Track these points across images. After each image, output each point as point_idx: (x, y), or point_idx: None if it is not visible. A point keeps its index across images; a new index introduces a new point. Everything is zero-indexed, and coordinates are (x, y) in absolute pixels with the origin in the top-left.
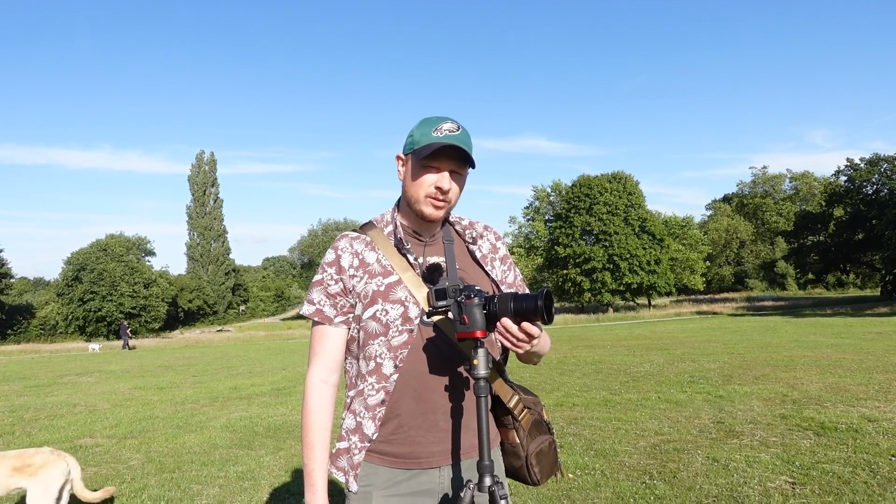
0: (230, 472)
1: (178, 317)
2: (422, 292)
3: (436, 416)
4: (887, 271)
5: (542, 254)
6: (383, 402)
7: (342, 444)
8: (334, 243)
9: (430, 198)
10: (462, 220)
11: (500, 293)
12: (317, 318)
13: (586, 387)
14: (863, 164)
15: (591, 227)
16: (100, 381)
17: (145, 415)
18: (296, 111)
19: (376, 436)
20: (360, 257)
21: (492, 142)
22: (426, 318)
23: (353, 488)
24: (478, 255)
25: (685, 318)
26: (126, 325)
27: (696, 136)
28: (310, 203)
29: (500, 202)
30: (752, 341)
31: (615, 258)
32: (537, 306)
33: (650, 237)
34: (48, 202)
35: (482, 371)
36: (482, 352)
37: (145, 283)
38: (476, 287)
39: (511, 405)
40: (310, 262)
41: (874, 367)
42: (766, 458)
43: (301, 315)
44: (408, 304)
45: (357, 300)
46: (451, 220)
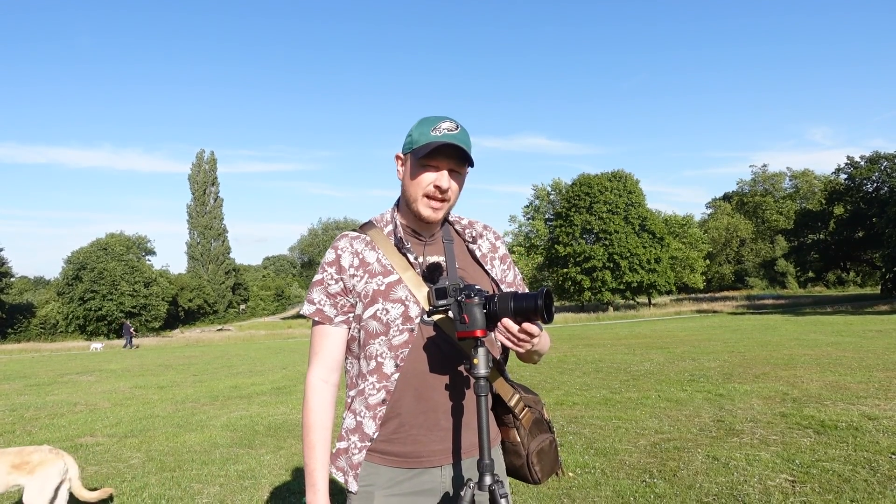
0: (231, 470)
1: (178, 316)
2: (422, 291)
3: (437, 415)
4: (887, 269)
5: (542, 253)
6: (384, 402)
7: (341, 444)
8: (334, 243)
9: (428, 197)
10: (461, 219)
11: (500, 292)
12: (317, 318)
13: (586, 385)
14: (863, 162)
15: (591, 226)
16: (100, 380)
17: (146, 414)
18: (296, 110)
19: (377, 435)
20: (361, 257)
21: (492, 140)
22: (426, 318)
23: (352, 488)
24: (478, 254)
25: (685, 317)
26: (129, 325)
27: (697, 134)
28: (310, 202)
29: (500, 201)
30: (753, 340)
31: (615, 257)
32: (537, 305)
33: (650, 236)
34: (48, 201)
35: (482, 370)
36: (482, 351)
37: (145, 283)
38: (476, 286)
39: (512, 404)
40: (310, 261)
41: (874, 366)
42: (767, 457)
43: (301, 314)
44: (408, 303)
45: (357, 300)
46: (450, 219)
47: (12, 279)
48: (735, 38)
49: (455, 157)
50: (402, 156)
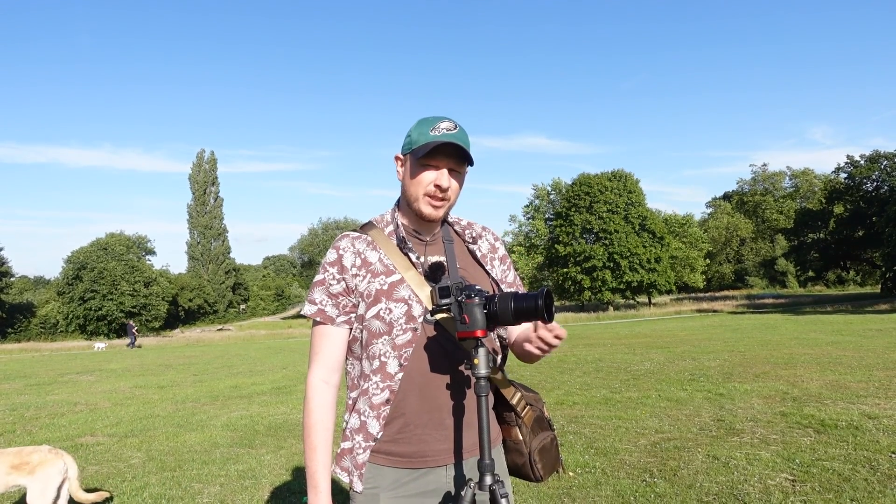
0: (231, 470)
1: (178, 316)
2: (424, 291)
3: (441, 414)
4: (887, 268)
5: (542, 252)
6: (388, 401)
7: (346, 445)
8: (335, 243)
9: (429, 196)
10: (461, 220)
11: (500, 292)
12: (318, 318)
13: (587, 385)
14: (863, 161)
15: (591, 226)
16: (100, 380)
17: (146, 413)
18: (296, 110)
19: (381, 435)
20: (363, 256)
21: (492, 140)
22: (429, 316)
23: (357, 488)
24: (478, 254)
25: (685, 316)
26: (132, 325)
27: (696, 133)
28: (310, 202)
29: (501, 201)
30: (753, 339)
31: (615, 256)
32: (538, 306)
33: (650, 235)
34: (48, 201)
35: (483, 370)
36: (483, 351)
37: (146, 282)
38: (476, 286)
39: (514, 402)
40: (310, 260)
41: (874, 365)
42: (767, 456)
43: (302, 315)
44: (411, 302)
45: (360, 299)
46: (449, 220)
47: (12, 279)
48: (735, 38)
49: (454, 156)
50: (401, 156)
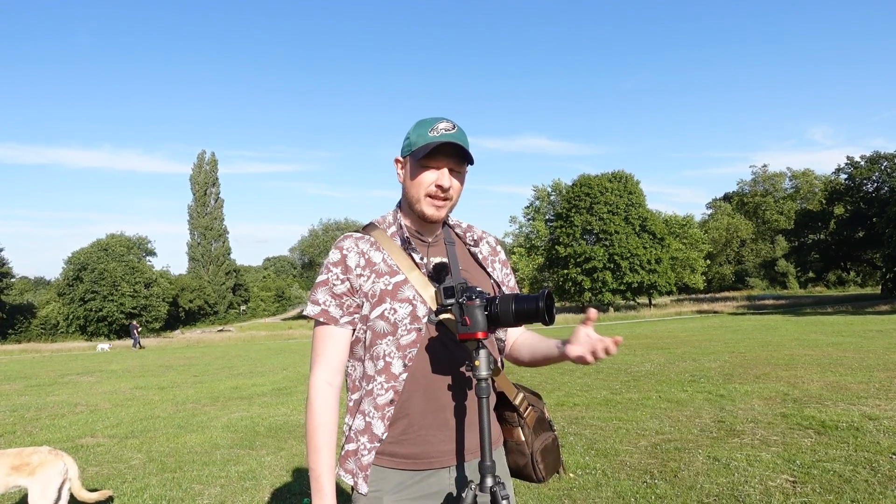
0: (231, 471)
1: (178, 317)
2: (428, 291)
3: (446, 415)
4: (888, 269)
5: (542, 253)
6: (392, 402)
7: (350, 446)
8: (338, 243)
9: (430, 196)
10: (461, 223)
11: (501, 294)
12: (322, 319)
13: (587, 386)
14: (863, 162)
15: (591, 227)
16: (101, 381)
17: (146, 414)
18: (296, 111)
19: (386, 436)
20: (366, 257)
21: (492, 141)
22: (434, 316)
23: (362, 490)
24: (479, 257)
25: (686, 318)
26: (136, 325)
27: (697, 134)
28: (310, 203)
29: (501, 202)
30: (753, 340)
31: (616, 257)
32: (538, 307)
33: (651, 236)
34: (49, 201)
35: (484, 372)
36: (484, 353)
37: (146, 283)
38: (478, 288)
39: (517, 402)
40: (310, 261)
41: (875, 366)
42: (767, 457)
43: (304, 315)
44: (416, 303)
45: (364, 300)
46: (450, 223)
47: (13, 279)
48: (734, 38)
49: (454, 156)
50: (401, 159)
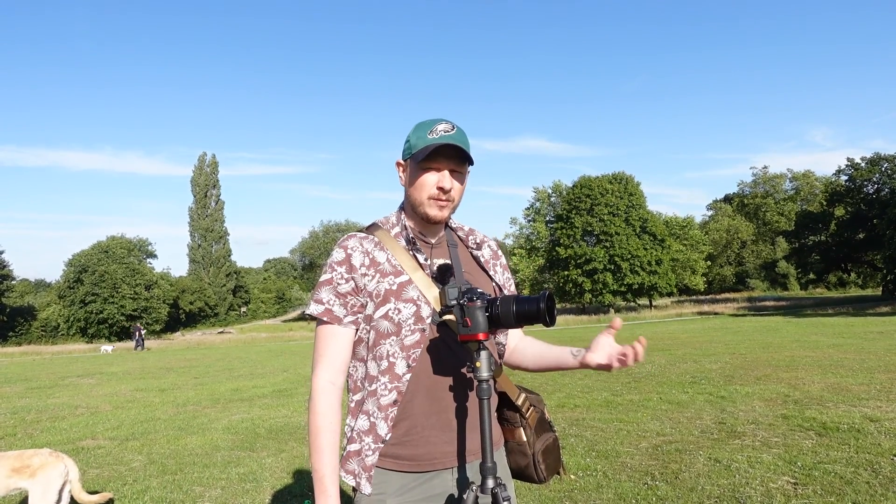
0: (232, 473)
1: (179, 319)
2: (432, 292)
3: (449, 416)
4: (888, 271)
5: (543, 255)
6: (395, 403)
7: (353, 447)
8: (342, 242)
9: (433, 199)
10: (463, 226)
11: (502, 296)
12: (325, 318)
13: (588, 388)
14: (863, 164)
15: (592, 228)
16: (101, 383)
17: (147, 416)
18: (297, 113)
19: (389, 436)
20: (371, 256)
21: (492, 143)
22: (437, 317)
23: (366, 490)
24: (481, 259)
25: (686, 319)
26: (140, 327)
27: (697, 136)
28: (310, 204)
29: (501, 203)
30: (754, 341)
31: (616, 259)
32: (539, 309)
33: (651, 238)
34: (49, 204)
35: (485, 373)
36: (485, 354)
37: (146, 285)
38: (479, 290)
39: (519, 402)
40: (311, 263)
41: (876, 367)
42: (768, 459)
43: (307, 315)
44: (420, 303)
45: (368, 299)
46: (452, 225)
47: (13, 282)
48: (735, 40)
49: (455, 157)
50: (402, 162)
